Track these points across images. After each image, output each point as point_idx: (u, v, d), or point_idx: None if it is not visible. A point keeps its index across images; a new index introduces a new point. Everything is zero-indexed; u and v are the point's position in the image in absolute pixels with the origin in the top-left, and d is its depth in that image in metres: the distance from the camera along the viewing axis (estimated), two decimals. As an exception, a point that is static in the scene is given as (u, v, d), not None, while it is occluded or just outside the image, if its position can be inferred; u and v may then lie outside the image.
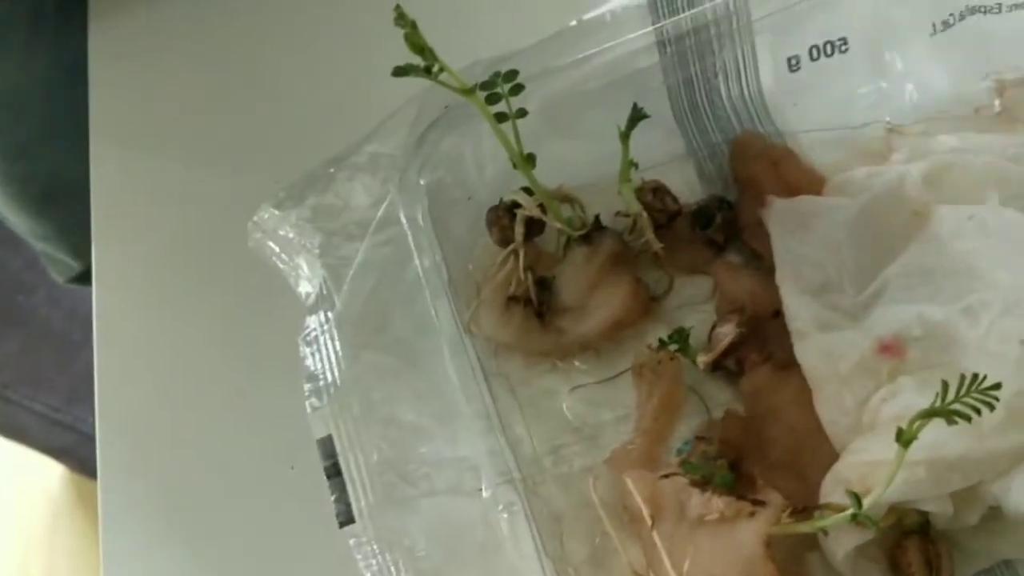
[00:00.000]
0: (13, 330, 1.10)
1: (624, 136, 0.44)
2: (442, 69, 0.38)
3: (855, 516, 0.35)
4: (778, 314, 0.43)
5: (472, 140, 0.45)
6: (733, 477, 0.39)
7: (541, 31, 0.45)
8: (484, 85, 0.41)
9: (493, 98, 0.41)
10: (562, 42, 0.45)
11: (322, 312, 0.43)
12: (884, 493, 0.35)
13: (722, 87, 0.48)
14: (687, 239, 0.47)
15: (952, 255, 0.39)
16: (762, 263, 0.45)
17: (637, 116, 0.44)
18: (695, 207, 0.47)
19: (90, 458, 0.51)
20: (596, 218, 0.46)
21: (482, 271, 0.46)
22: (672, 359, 0.43)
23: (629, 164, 0.45)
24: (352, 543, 0.39)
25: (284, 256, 0.45)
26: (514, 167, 0.42)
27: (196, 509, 0.49)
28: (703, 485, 0.39)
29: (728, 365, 0.43)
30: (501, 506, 0.40)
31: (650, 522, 0.38)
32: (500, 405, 0.44)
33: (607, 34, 0.45)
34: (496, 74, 0.41)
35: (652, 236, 0.46)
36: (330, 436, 0.41)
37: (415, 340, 0.43)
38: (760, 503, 0.37)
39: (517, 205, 0.45)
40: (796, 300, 0.42)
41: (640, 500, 0.39)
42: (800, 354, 0.41)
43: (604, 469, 0.42)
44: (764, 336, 0.43)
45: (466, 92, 0.40)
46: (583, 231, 0.46)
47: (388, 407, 0.42)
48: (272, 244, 0.45)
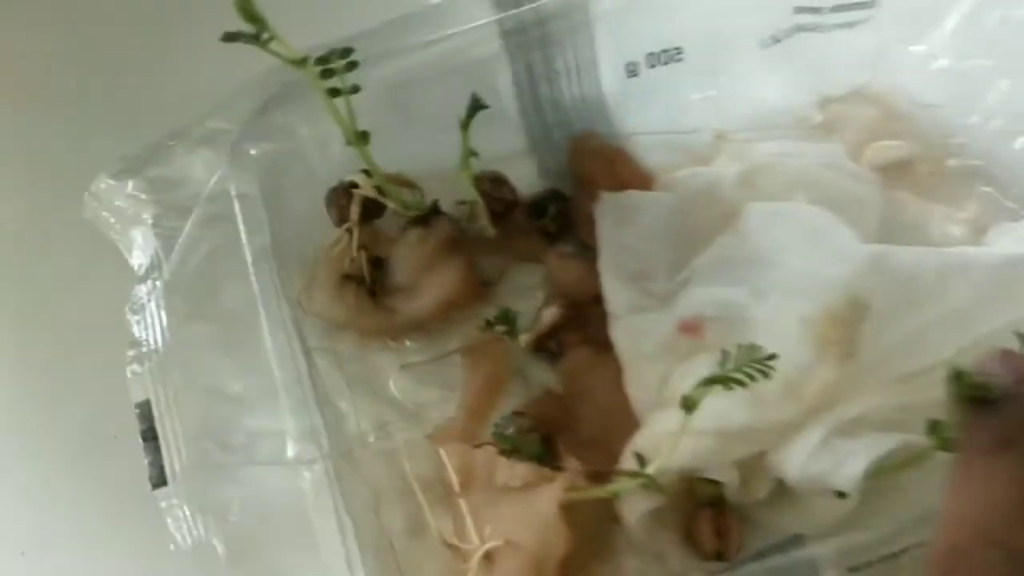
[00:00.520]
0: None
1: (464, 124, 0.45)
2: (272, 37, 0.38)
3: (644, 482, 0.36)
4: (600, 300, 0.44)
5: (310, 117, 0.45)
6: (542, 448, 0.40)
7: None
8: (319, 60, 0.41)
9: (328, 73, 0.41)
10: (406, 25, 0.46)
11: (151, 281, 0.43)
12: (670, 460, 0.36)
13: (564, 88, 0.50)
14: (523, 229, 0.48)
15: (755, 245, 0.42)
16: (592, 253, 0.47)
17: (476, 106, 0.45)
18: (531, 199, 0.49)
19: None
20: (434, 203, 0.47)
21: (320, 249, 0.47)
22: (498, 340, 0.45)
23: (469, 152, 0.46)
24: (163, 505, 0.39)
25: (118, 227, 0.45)
26: (348, 144, 0.43)
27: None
28: (512, 454, 0.40)
29: (551, 347, 0.45)
30: (313, 478, 0.40)
31: (458, 489, 0.39)
32: (328, 381, 0.45)
33: (451, 19, 0.46)
34: (332, 50, 0.41)
35: (487, 223, 0.47)
36: (148, 401, 0.41)
37: (245, 313, 0.44)
38: (560, 469, 0.38)
39: (355, 185, 0.46)
40: (614, 285, 0.43)
41: (451, 469, 0.40)
42: (614, 335, 0.42)
43: (425, 444, 0.43)
44: (585, 320, 0.44)
45: (296, 63, 0.40)
46: (419, 214, 0.47)
47: (212, 377, 0.42)
48: (107, 215, 0.45)
